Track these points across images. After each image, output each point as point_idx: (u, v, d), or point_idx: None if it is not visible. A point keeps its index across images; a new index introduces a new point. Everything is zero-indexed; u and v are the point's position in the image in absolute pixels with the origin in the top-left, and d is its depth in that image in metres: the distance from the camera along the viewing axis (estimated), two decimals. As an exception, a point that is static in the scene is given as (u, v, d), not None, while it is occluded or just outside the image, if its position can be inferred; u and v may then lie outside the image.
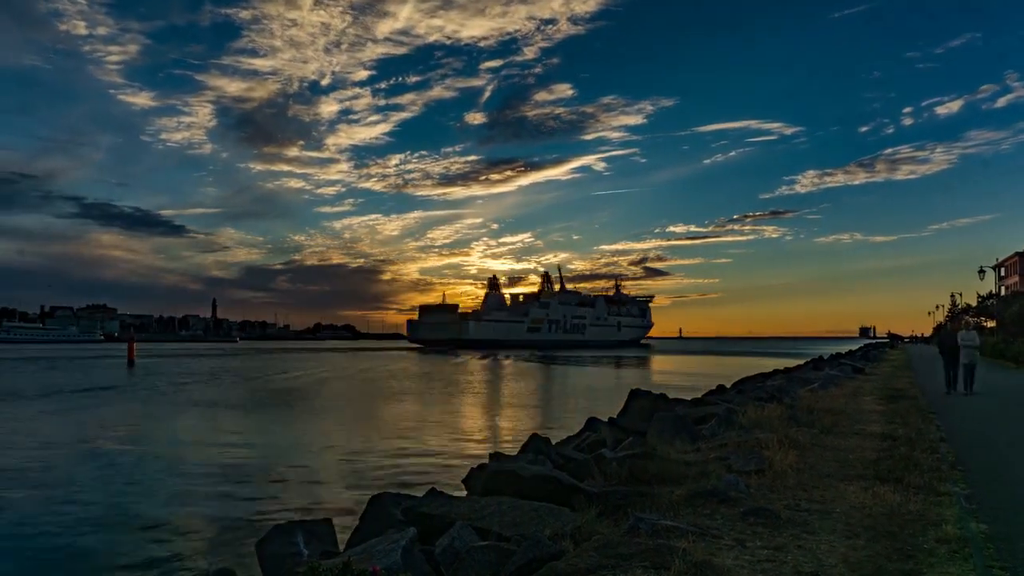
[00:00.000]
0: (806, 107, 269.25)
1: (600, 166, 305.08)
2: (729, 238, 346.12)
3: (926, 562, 4.98)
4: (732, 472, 7.71)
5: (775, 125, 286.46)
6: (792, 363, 45.21)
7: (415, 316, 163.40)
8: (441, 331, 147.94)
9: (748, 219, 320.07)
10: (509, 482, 7.50)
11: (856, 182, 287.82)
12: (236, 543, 10.96)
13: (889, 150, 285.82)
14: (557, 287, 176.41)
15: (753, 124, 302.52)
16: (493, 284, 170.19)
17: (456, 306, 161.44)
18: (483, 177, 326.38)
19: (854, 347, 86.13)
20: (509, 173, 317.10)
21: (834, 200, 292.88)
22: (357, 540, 6.65)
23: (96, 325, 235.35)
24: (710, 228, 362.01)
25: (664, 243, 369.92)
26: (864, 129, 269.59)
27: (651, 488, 7.01)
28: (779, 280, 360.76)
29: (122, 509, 13.14)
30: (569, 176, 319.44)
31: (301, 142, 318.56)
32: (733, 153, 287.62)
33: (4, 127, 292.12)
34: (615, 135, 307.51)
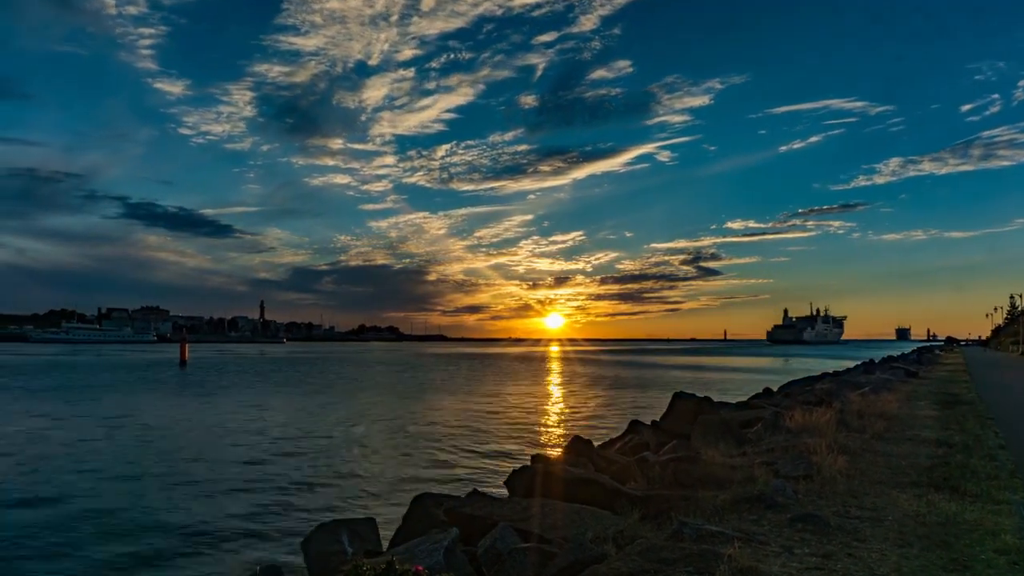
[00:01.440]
0: (900, 82, 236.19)
1: (658, 156, 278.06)
2: (790, 235, 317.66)
3: (983, 573, 4.80)
4: (779, 477, 7.56)
5: (859, 104, 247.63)
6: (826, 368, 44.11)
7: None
8: (788, 334, 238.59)
9: (813, 213, 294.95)
10: (551, 484, 7.49)
11: (943, 171, 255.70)
12: (283, 539, 11.20)
13: (988, 132, 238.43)
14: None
15: (835, 104, 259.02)
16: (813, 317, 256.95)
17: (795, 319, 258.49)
18: (533, 169, 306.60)
19: (894, 352, 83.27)
20: (560, 164, 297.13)
21: (914, 191, 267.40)
22: (400, 539, 6.72)
23: (149, 326, 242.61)
24: (770, 224, 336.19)
25: (720, 240, 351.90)
26: (967, 108, 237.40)
27: (695, 492, 6.92)
28: (836, 280, 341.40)
29: (191, 503, 13.55)
30: (625, 168, 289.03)
31: (345, 133, 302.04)
32: (815, 138, 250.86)
33: (40, 121, 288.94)
34: (677, 119, 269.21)
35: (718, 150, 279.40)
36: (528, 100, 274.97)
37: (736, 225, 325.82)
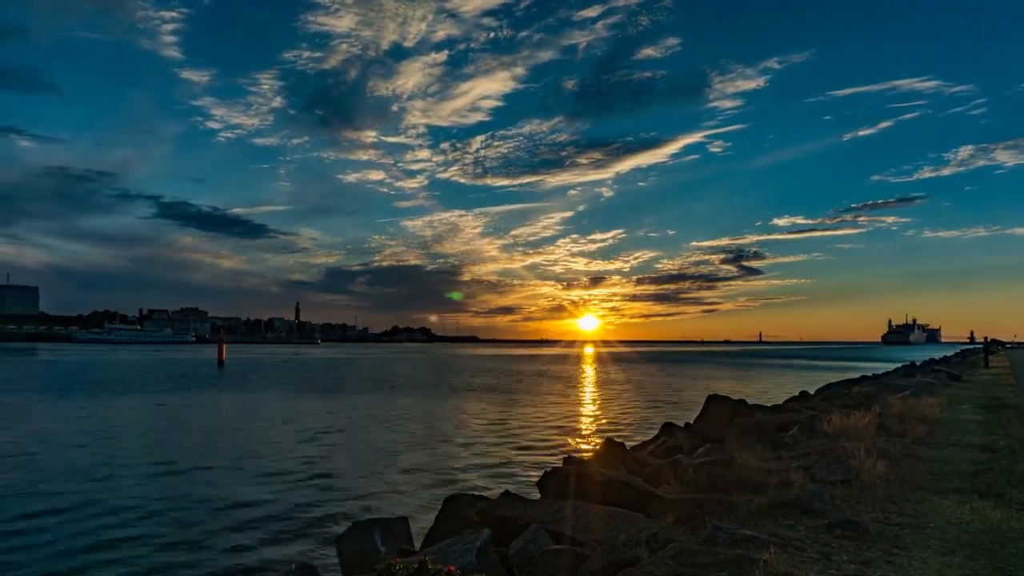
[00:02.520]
0: (980, 60, 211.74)
1: (706, 147, 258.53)
2: (839, 231, 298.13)
3: (1031, 583, 4.67)
4: (816, 482, 7.43)
5: (931, 84, 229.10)
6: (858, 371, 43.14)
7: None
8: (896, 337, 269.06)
9: (866, 208, 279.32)
10: (583, 486, 7.46)
11: (1015, 162, 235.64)
12: (317, 537, 11.35)
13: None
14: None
15: (904, 85, 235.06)
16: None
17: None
18: (573, 162, 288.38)
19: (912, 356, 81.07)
20: (601, 156, 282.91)
21: (982, 183, 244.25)
22: (433, 539, 6.76)
23: (189, 327, 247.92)
24: (818, 220, 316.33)
25: (765, 237, 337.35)
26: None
27: (729, 496, 6.83)
28: (882, 279, 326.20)
29: (233, 497, 13.82)
30: (670, 160, 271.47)
31: (379, 125, 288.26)
32: (886, 124, 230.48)
33: (68, 117, 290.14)
34: (728, 105, 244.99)
35: (771, 139, 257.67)
36: (569, 84, 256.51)
37: (782, 222, 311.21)
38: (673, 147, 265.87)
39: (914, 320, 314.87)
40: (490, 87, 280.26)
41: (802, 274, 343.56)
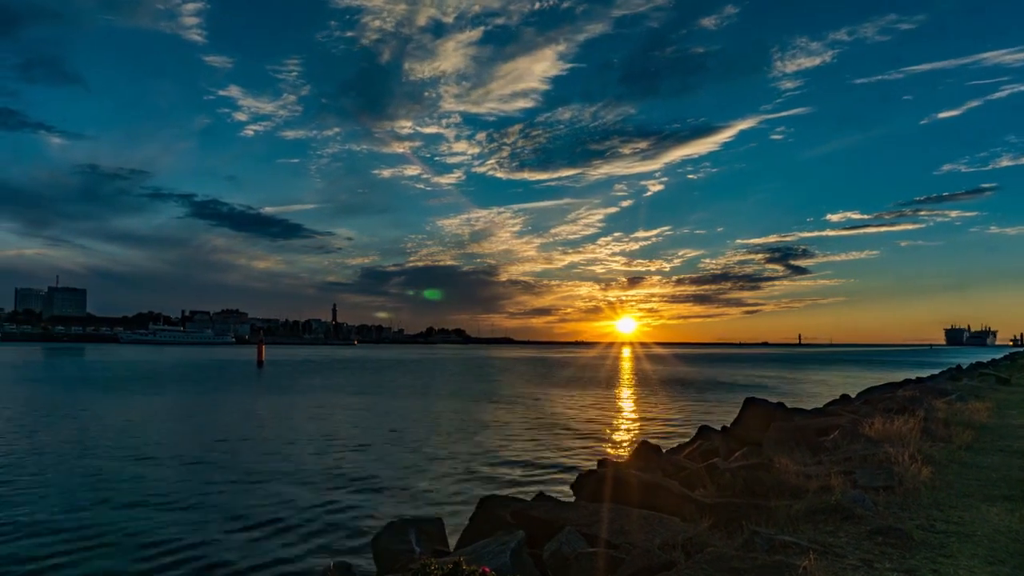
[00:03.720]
0: None
1: (763, 133, 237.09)
2: (896, 227, 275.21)
3: (1086, 595, 4.49)
4: (857, 487, 7.26)
5: (1021, 57, 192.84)
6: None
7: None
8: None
9: (930, 201, 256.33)
10: (618, 489, 7.41)
11: None
12: (352, 536, 11.48)
13: None
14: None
15: (991, 58, 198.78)
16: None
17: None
18: (616, 153, 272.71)
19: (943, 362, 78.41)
20: (644, 145, 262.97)
21: None
22: (467, 540, 6.79)
23: (229, 328, 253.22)
24: (874, 215, 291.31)
25: (816, 234, 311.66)
26: None
27: (767, 501, 6.72)
28: (937, 280, 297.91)
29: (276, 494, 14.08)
30: (722, 149, 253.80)
31: (413, 114, 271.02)
32: (974, 103, 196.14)
33: (93, 111, 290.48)
34: (788, 85, 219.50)
35: (833, 125, 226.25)
36: (614, 62, 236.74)
37: (836, 217, 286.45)
38: (726, 134, 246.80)
39: (968, 326, 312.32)
40: (533, 67, 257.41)
41: (851, 274, 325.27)
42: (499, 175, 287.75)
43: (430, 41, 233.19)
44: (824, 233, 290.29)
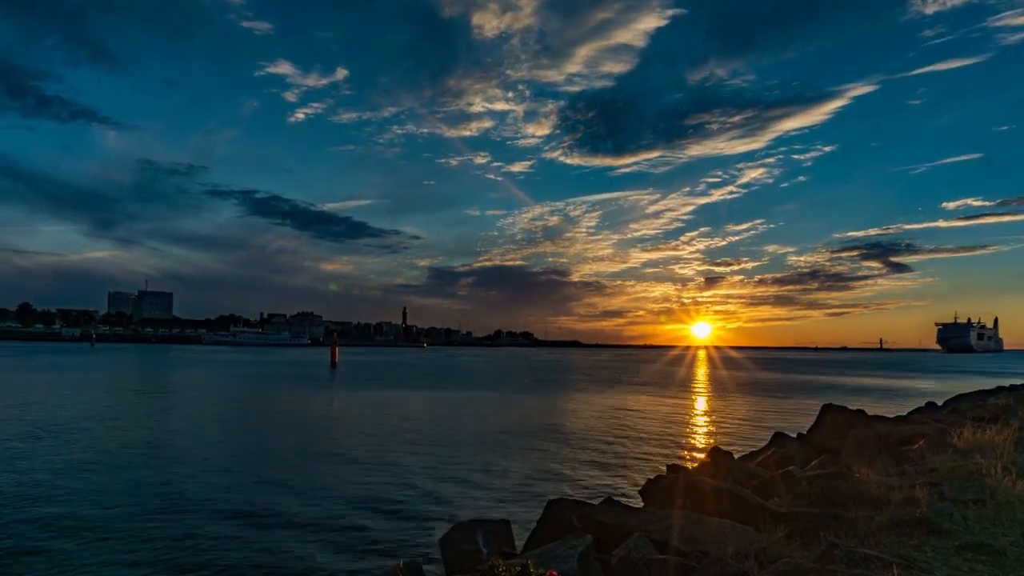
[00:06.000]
0: None
1: (887, 96, 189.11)
2: (1018, 216, 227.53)
3: None
4: (945, 500, 6.89)
5: None
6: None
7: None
8: None
9: None
10: (688, 495, 7.27)
11: None
12: (422, 536, 11.64)
13: None
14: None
15: None
16: None
17: None
18: (705, 130, 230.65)
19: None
20: (734, 120, 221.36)
21: None
22: (534, 543, 6.78)
23: (304, 330, 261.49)
24: (997, 203, 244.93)
25: (925, 226, 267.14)
26: None
27: (846, 512, 6.45)
28: None
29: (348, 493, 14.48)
30: (830, 119, 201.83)
31: (480, 87, 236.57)
32: None
33: (134, 97, 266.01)
34: (929, 34, 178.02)
35: (977, 83, 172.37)
36: (703, 17, 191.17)
37: (953, 205, 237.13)
38: (837, 102, 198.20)
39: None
40: (613, 34, 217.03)
41: (960, 271, 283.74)
42: (575, 162, 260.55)
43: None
44: (935, 224, 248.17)
